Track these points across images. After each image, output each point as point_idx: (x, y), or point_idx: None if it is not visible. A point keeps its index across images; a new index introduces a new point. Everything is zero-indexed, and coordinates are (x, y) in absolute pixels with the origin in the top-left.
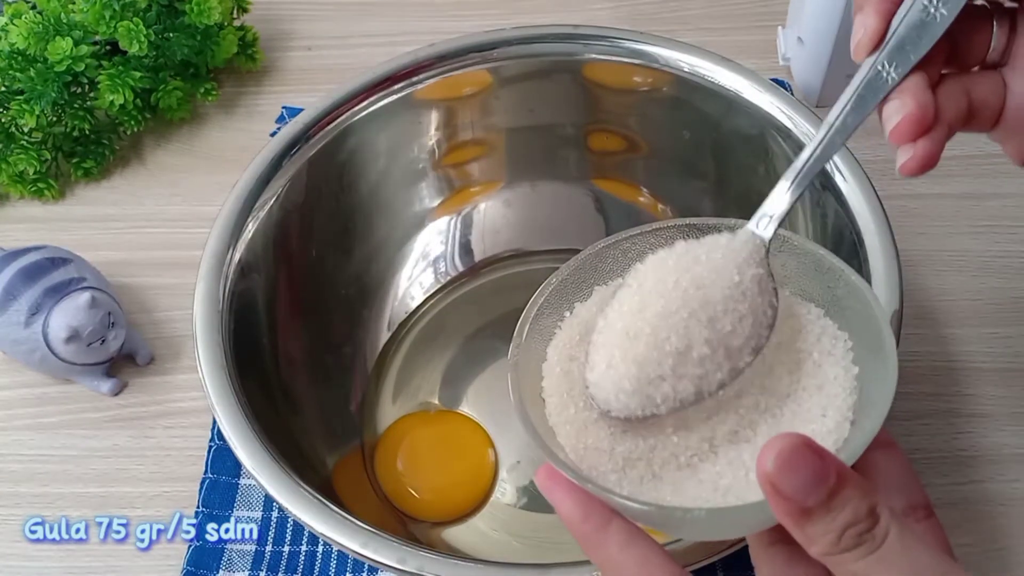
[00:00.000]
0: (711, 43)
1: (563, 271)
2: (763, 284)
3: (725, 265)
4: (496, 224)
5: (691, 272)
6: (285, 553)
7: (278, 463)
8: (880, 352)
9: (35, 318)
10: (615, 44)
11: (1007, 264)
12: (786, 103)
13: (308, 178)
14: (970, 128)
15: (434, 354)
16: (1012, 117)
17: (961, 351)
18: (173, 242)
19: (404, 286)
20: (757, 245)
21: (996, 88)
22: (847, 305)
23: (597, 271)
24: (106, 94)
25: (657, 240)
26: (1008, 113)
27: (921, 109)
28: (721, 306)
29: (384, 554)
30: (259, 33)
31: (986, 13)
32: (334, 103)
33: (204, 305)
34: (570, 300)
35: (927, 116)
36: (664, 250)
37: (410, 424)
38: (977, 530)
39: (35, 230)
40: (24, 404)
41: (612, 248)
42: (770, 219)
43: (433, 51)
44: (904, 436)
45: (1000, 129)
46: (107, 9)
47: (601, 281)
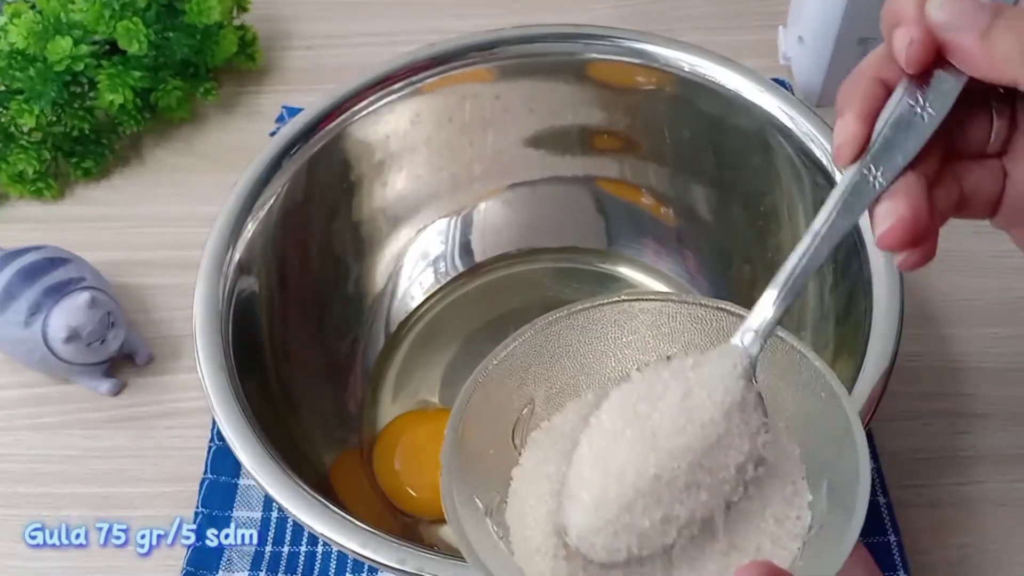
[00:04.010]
0: (711, 43)
1: (510, 346)
2: (751, 416)
3: (716, 402)
4: (496, 224)
5: (686, 410)
6: (285, 553)
7: (278, 463)
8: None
9: (35, 318)
10: (615, 44)
11: (1007, 264)
12: (787, 103)
13: (308, 178)
14: (964, 215)
15: (434, 354)
16: (1014, 206)
17: (961, 351)
18: (173, 242)
19: (404, 286)
20: (745, 367)
21: (992, 176)
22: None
23: (550, 354)
24: (106, 94)
25: (613, 315)
26: (1009, 201)
27: (914, 214)
28: (715, 447)
29: (384, 554)
30: (259, 33)
31: (984, 102)
32: (334, 103)
33: (204, 305)
34: (525, 385)
35: (920, 222)
36: (649, 376)
37: (408, 422)
38: (977, 530)
39: (34, 230)
40: (24, 404)
41: (568, 321)
42: (755, 334)
43: (433, 51)
44: (904, 436)
45: (1002, 217)
46: (107, 8)
47: (560, 368)
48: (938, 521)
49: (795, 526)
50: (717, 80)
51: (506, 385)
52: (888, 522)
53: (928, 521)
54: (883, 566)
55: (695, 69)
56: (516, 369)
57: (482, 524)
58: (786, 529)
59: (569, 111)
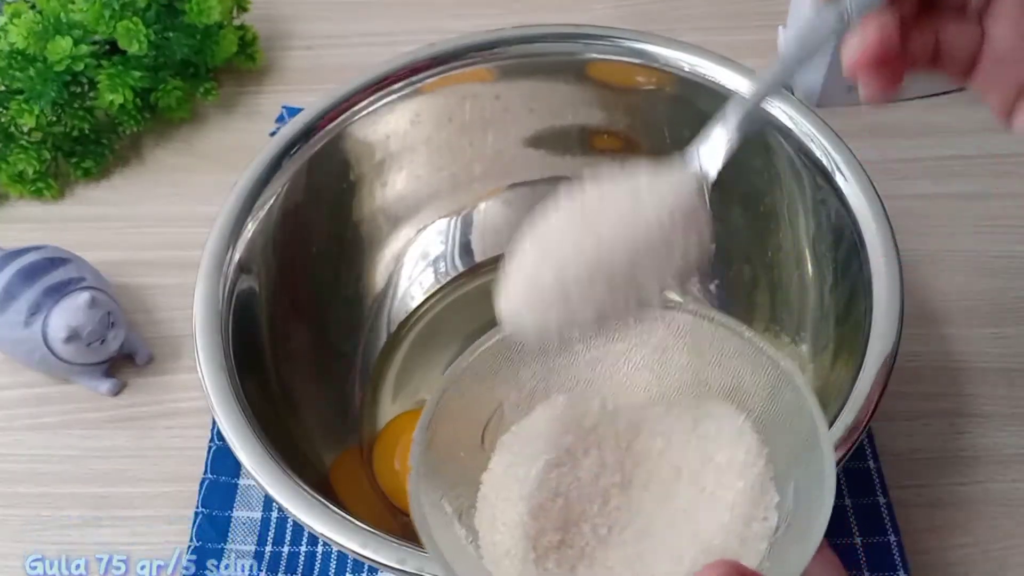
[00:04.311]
0: (711, 43)
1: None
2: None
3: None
4: (496, 224)
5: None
6: (285, 553)
7: (278, 463)
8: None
9: (35, 318)
10: (615, 44)
11: (1007, 264)
12: (786, 103)
13: (308, 178)
14: (940, 70)
15: (434, 354)
16: (990, 67)
17: (961, 351)
18: (173, 242)
19: (404, 286)
20: (699, 185)
21: (970, 34)
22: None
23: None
24: (106, 94)
25: None
26: (986, 64)
27: (882, 38)
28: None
29: (384, 554)
30: (259, 33)
31: None
32: (334, 103)
33: (204, 305)
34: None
35: (888, 47)
36: (601, 179)
37: (408, 422)
38: (977, 530)
39: (34, 230)
40: (24, 404)
41: None
42: (711, 157)
43: (433, 51)
44: (904, 436)
45: (978, 79)
46: (106, 8)
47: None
48: (938, 521)
49: (762, 527)
50: (717, 80)
51: (476, 389)
52: (888, 522)
53: (928, 521)
54: (883, 566)
55: (695, 69)
56: (485, 373)
57: (451, 528)
58: (753, 530)
59: (569, 111)
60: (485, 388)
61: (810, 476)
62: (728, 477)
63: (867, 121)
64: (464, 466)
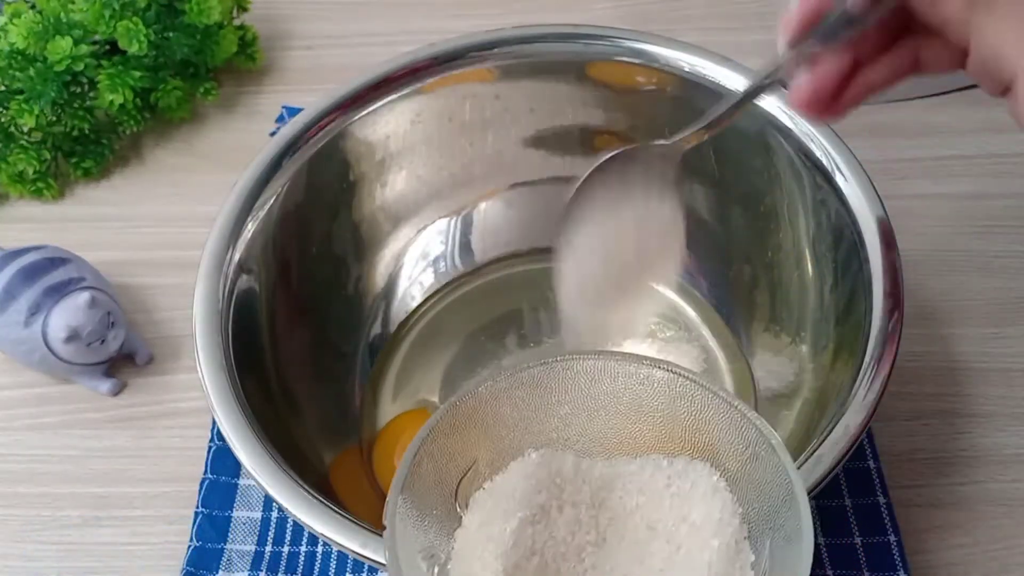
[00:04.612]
0: (711, 43)
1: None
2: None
3: None
4: (496, 224)
5: None
6: (285, 553)
7: (278, 463)
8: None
9: (35, 318)
10: (616, 44)
11: (1007, 264)
12: (787, 103)
13: (308, 178)
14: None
15: (434, 354)
16: (978, 70)
17: (961, 351)
18: (173, 242)
19: (404, 286)
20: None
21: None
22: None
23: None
24: (106, 94)
25: None
26: (973, 66)
27: (816, 88)
28: None
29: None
30: (259, 33)
31: None
32: (334, 103)
33: (204, 305)
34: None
35: (822, 95)
36: None
37: (408, 422)
38: (977, 530)
39: (34, 230)
40: (24, 404)
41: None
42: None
43: (433, 51)
44: (905, 436)
45: (970, 73)
46: (107, 8)
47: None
48: (938, 521)
49: None
50: (717, 80)
51: (449, 444)
52: (888, 522)
53: (928, 521)
54: (883, 566)
55: (695, 69)
56: (458, 427)
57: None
58: None
59: (569, 111)
60: (458, 443)
61: (787, 535)
62: (703, 536)
63: (867, 121)
64: (439, 523)
